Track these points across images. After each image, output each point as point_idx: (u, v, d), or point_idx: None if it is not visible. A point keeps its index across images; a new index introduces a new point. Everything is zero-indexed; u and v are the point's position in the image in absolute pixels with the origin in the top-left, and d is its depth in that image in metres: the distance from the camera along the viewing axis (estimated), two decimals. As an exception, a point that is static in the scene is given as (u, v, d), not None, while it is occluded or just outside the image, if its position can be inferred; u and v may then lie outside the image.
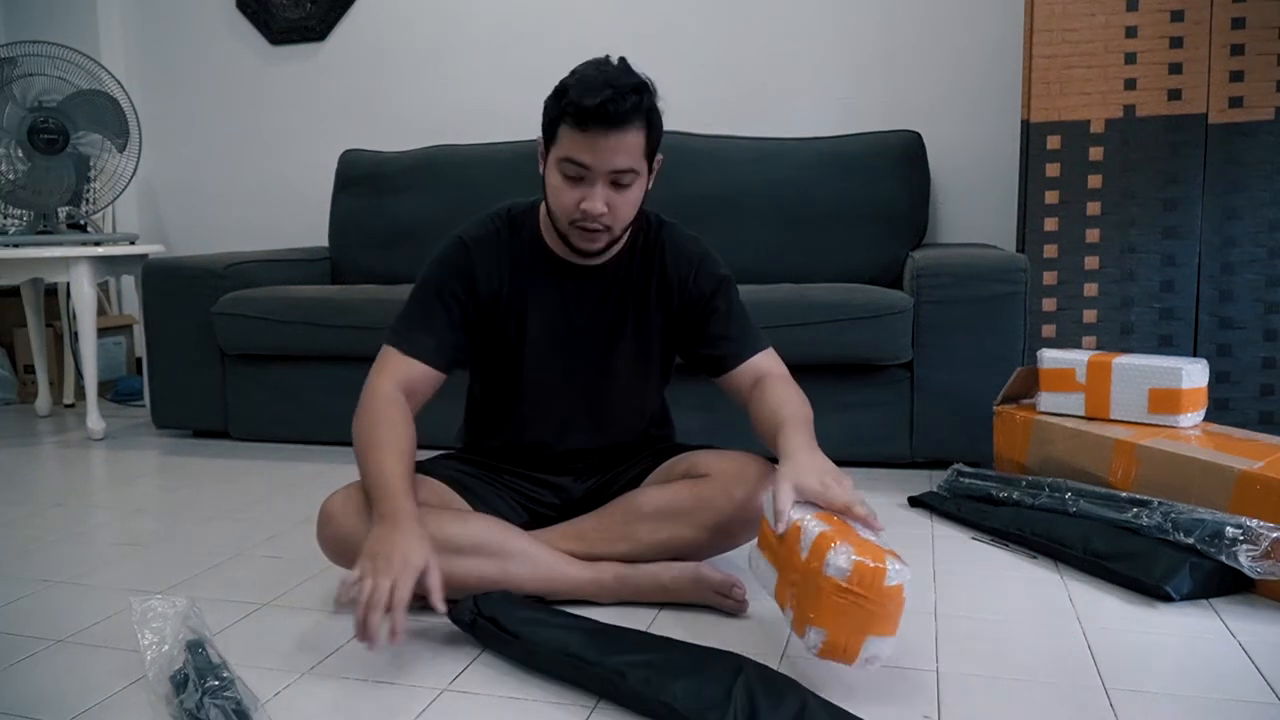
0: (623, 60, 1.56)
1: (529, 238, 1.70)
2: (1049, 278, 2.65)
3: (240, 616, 1.63)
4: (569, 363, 1.72)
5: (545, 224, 1.69)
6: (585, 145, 1.50)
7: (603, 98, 1.46)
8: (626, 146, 1.51)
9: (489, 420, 1.82)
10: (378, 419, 1.58)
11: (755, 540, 1.47)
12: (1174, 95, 2.55)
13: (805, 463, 1.45)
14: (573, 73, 1.54)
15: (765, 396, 1.65)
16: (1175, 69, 2.54)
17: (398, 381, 1.62)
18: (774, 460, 1.66)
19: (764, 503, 1.47)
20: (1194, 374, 2.05)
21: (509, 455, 1.80)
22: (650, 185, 1.63)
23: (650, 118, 1.54)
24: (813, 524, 1.31)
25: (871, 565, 1.24)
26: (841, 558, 1.23)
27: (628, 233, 1.66)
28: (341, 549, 1.58)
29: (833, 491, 1.37)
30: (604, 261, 1.69)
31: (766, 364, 1.72)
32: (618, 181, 1.54)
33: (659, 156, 1.62)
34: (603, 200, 1.53)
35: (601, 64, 1.54)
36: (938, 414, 2.50)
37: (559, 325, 1.70)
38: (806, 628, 1.27)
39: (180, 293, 3.08)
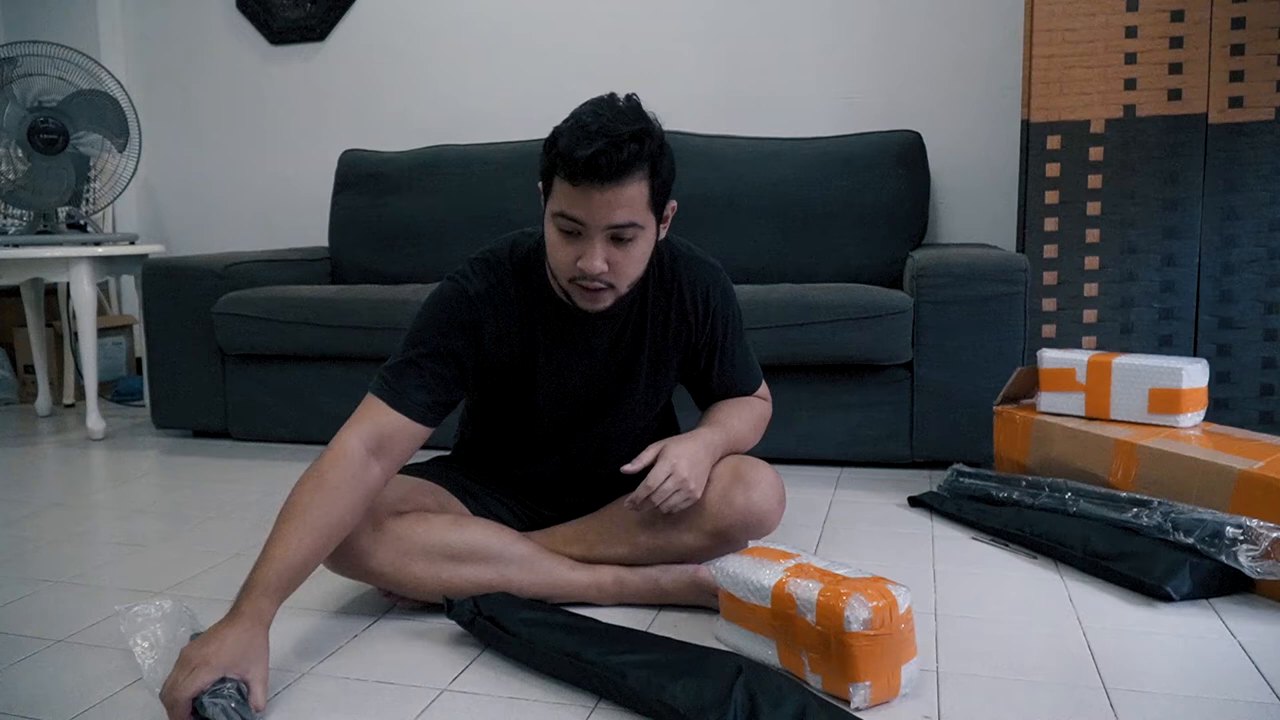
0: (630, 99, 1.43)
1: (537, 286, 1.58)
2: (1049, 278, 2.65)
3: (240, 617, 1.63)
4: (580, 409, 1.66)
5: (552, 275, 1.55)
6: (579, 200, 1.38)
7: (595, 149, 1.33)
8: (626, 200, 1.38)
9: (488, 448, 1.78)
10: (320, 484, 1.42)
11: (719, 614, 1.49)
12: (1174, 95, 2.55)
13: (688, 441, 1.56)
14: (570, 116, 1.41)
15: (725, 399, 1.72)
16: (1175, 69, 2.54)
17: (371, 436, 1.46)
18: (772, 462, 1.66)
19: (713, 572, 1.49)
20: (1194, 374, 2.05)
21: (507, 474, 1.79)
22: (663, 234, 1.53)
23: (655, 166, 1.41)
24: (799, 585, 1.32)
25: (885, 603, 1.26)
26: (860, 610, 1.25)
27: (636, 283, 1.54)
28: (339, 557, 1.55)
29: (660, 472, 1.49)
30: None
31: (723, 417, 1.70)
32: (619, 237, 1.41)
33: (671, 203, 1.51)
34: (601, 258, 1.41)
35: (601, 107, 1.40)
36: (938, 414, 2.50)
37: (572, 376, 1.62)
38: (850, 687, 1.28)
39: (180, 293, 3.08)
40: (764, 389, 1.79)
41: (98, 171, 3.52)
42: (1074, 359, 2.18)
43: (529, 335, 1.59)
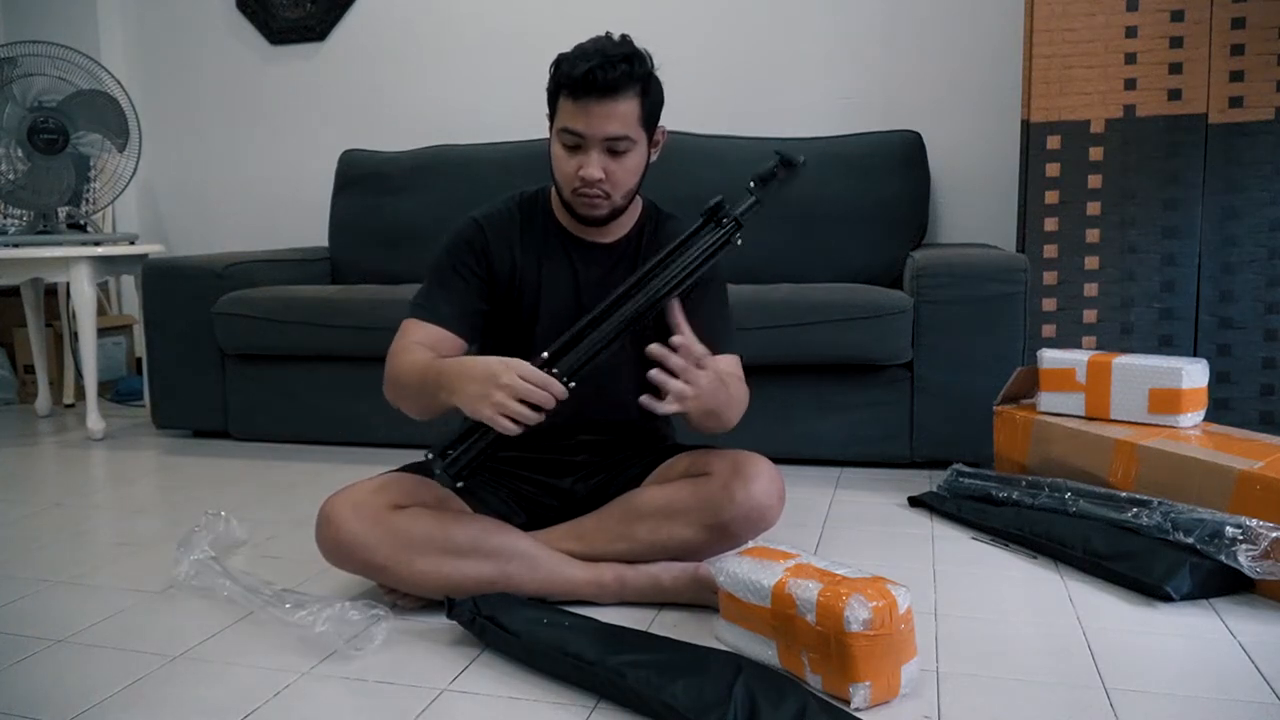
0: (624, 36, 1.62)
1: (541, 216, 1.76)
2: (1049, 278, 2.65)
3: (240, 616, 1.63)
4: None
5: (556, 201, 1.73)
6: (579, 114, 1.56)
7: (591, 65, 1.52)
8: (619, 114, 1.56)
9: None
10: (405, 358, 1.61)
11: (719, 614, 1.49)
12: (1174, 95, 2.55)
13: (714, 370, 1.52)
14: (563, 52, 1.60)
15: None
16: (1175, 69, 2.54)
17: (421, 344, 1.64)
18: (772, 460, 1.66)
19: (713, 572, 1.49)
20: (1194, 374, 2.05)
21: (514, 447, 1.78)
22: (654, 157, 1.68)
23: (645, 86, 1.59)
24: (799, 586, 1.32)
25: (885, 603, 1.26)
26: (860, 610, 1.25)
27: (632, 205, 1.72)
28: (341, 551, 1.57)
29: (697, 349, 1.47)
30: (613, 240, 1.74)
31: (726, 364, 1.69)
32: (613, 149, 1.58)
33: (661, 127, 1.67)
34: (598, 167, 1.58)
35: (600, 37, 1.61)
36: (938, 414, 2.51)
37: (570, 301, 1.71)
38: (850, 687, 1.28)
39: (180, 293, 3.08)
40: (738, 364, 1.74)
41: (98, 171, 3.52)
42: (1074, 359, 2.18)
43: (532, 259, 1.73)
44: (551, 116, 1.63)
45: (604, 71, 1.53)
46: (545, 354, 1.49)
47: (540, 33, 3.58)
